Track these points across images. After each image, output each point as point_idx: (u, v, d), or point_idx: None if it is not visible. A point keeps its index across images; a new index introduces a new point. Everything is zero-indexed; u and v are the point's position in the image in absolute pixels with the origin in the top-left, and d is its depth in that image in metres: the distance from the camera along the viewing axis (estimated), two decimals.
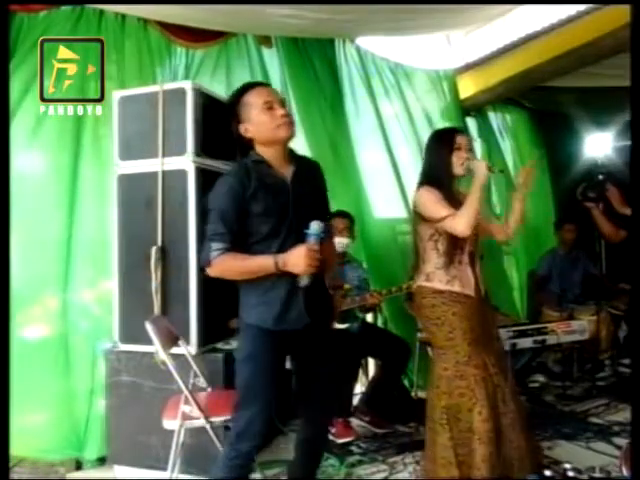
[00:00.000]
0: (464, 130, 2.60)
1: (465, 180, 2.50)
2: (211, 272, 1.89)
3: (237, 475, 1.91)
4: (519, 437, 2.32)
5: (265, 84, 2.08)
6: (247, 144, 1.96)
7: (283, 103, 1.95)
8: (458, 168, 2.38)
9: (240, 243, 1.88)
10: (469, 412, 2.27)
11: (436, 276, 2.38)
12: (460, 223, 2.25)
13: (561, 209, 5.14)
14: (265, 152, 1.94)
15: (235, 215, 1.86)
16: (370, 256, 4.02)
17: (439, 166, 2.41)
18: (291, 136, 1.94)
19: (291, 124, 1.92)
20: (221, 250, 1.84)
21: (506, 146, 5.12)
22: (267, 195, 1.88)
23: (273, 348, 1.92)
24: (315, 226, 1.82)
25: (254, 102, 1.91)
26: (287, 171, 1.96)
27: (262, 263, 1.84)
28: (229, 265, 1.87)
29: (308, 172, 2.03)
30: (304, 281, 1.83)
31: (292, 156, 2.01)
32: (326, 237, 1.87)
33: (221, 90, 3.46)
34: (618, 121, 4.42)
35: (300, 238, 1.83)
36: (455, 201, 2.34)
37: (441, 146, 2.44)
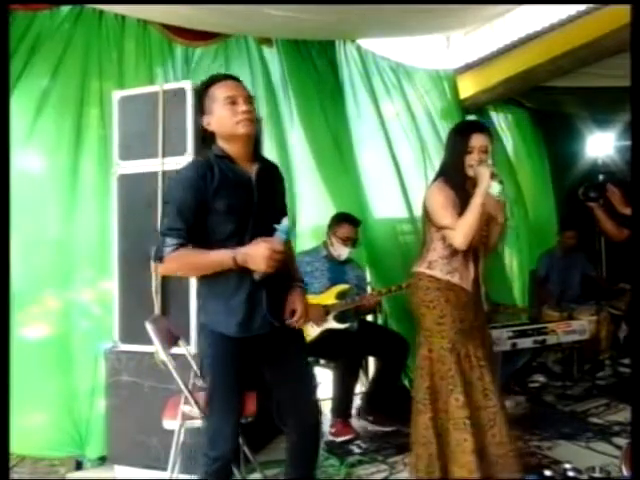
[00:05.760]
0: (484, 127, 2.46)
1: None
2: (163, 269, 1.86)
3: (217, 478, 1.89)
4: (502, 433, 2.29)
5: (233, 78, 1.93)
6: (210, 137, 1.90)
7: (249, 100, 1.86)
8: (470, 170, 2.32)
9: (199, 240, 1.79)
10: (448, 396, 2.29)
11: (438, 265, 2.37)
12: (457, 237, 2.24)
13: (563, 208, 5.13)
14: (228, 147, 1.87)
15: (194, 210, 1.78)
16: (371, 256, 4.02)
17: (452, 166, 2.38)
18: (251, 134, 1.86)
19: (251, 121, 1.83)
20: (175, 245, 1.76)
21: (507, 146, 5.12)
22: (231, 192, 1.82)
23: (237, 354, 1.87)
24: (286, 222, 1.80)
25: (217, 95, 1.85)
26: (251, 169, 1.90)
27: (219, 258, 1.76)
28: (184, 260, 1.79)
29: (270, 172, 1.99)
30: (257, 276, 1.78)
31: (257, 155, 1.98)
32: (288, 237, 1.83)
33: None
34: (618, 121, 4.42)
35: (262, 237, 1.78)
36: (467, 203, 2.28)
37: (456, 145, 2.39)
